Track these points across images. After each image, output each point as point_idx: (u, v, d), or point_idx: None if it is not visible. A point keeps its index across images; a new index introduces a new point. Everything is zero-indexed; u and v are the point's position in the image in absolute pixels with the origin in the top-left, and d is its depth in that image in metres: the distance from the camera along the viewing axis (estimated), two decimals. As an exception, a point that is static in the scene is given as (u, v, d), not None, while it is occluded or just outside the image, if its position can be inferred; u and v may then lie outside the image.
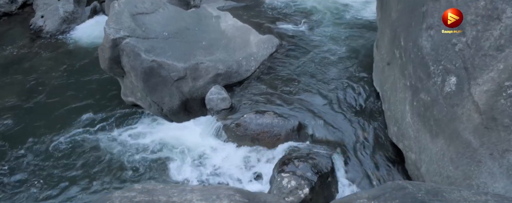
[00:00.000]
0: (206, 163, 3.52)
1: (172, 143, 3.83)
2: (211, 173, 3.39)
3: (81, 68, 5.43)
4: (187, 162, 3.55)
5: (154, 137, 3.97)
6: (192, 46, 4.74)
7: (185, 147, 3.74)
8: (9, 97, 4.88)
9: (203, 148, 3.68)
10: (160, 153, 3.75)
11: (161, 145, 3.84)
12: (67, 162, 3.81)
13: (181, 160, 3.58)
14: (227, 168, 3.43)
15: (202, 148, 3.69)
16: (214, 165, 3.48)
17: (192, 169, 3.47)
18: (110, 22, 4.70)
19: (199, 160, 3.57)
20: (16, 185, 3.59)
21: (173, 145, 3.81)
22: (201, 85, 4.32)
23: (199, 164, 3.52)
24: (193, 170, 3.45)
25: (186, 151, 3.70)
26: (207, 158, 3.58)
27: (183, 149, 3.72)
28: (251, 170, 3.41)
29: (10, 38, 6.22)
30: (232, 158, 3.53)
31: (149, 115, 4.43)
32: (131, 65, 4.40)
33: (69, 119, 4.44)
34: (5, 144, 4.15)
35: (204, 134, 3.87)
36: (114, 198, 1.77)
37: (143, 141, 4.01)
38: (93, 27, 6.49)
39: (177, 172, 3.47)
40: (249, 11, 5.75)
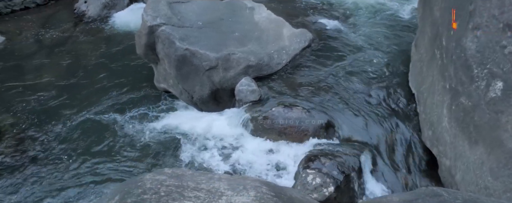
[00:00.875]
0: (231, 153, 3.57)
1: (200, 131, 3.92)
2: (236, 163, 3.44)
3: (117, 52, 5.66)
4: (213, 150, 3.62)
5: (183, 124, 4.07)
6: (225, 36, 4.78)
7: (212, 136, 3.81)
8: (52, 76, 5.21)
9: (230, 138, 3.74)
10: (187, 140, 3.85)
11: (189, 132, 3.93)
12: (97, 141, 4.01)
13: (207, 148, 3.66)
14: (252, 160, 3.46)
15: (229, 138, 3.74)
16: (239, 155, 3.52)
17: (218, 158, 3.54)
18: (148, 9, 4.84)
19: (225, 149, 3.63)
20: (48, 159, 3.84)
21: (201, 133, 3.89)
22: (231, 76, 4.35)
23: (224, 154, 3.58)
24: (219, 159, 3.51)
25: (213, 140, 3.77)
26: (233, 148, 3.63)
27: (210, 137, 3.80)
28: (276, 164, 3.42)
29: (56, 21, 6.58)
30: (258, 150, 3.55)
31: (179, 102, 4.55)
32: (165, 52, 4.52)
33: (103, 101, 4.66)
34: (44, 117, 4.44)
35: (232, 124, 3.92)
36: (146, 180, 1.85)
37: (171, 127, 4.13)
38: (131, 14, 6.72)
39: (203, 160, 3.55)
40: (284, 3, 5.68)
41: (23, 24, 6.52)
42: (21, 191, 3.53)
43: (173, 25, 4.71)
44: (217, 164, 3.46)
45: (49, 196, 3.38)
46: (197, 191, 1.78)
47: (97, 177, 3.55)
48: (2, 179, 3.67)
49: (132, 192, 1.75)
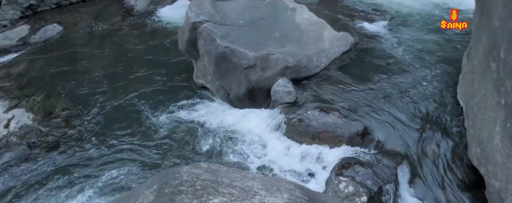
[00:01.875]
0: (263, 152, 3.58)
1: (234, 128, 3.96)
2: (267, 163, 3.43)
3: (160, 46, 5.89)
4: (244, 148, 3.65)
5: (218, 120, 4.15)
6: (264, 36, 4.79)
7: (246, 134, 3.84)
8: (100, 65, 5.55)
9: (263, 138, 3.74)
10: (221, 136, 3.91)
11: (223, 129, 4.00)
12: (134, 128, 4.20)
13: (240, 146, 3.69)
14: (283, 161, 3.44)
15: (262, 138, 3.75)
16: (270, 156, 3.52)
17: (249, 156, 3.56)
18: (192, 6, 4.98)
19: (256, 148, 3.64)
20: (88, 140, 4.09)
21: (234, 131, 3.94)
22: (268, 75, 4.36)
23: (255, 152, 3.60)
24: (250, 157, 3.53)
25: (245, 138, 3.80)
26: (265, 148, 3.63)
27: (243, 135, 3.83)
28: (307, 167, 3.37)
29: (106, 14, 7.00)
30: (290, 152, 3.52)
31: (215, 98, 4.64)
32: (206, 49, 4.63)
33: (144, 91, 4.87)
34: (89, 102, 4.73)
35: (265, 124, 3.92)
36: (183, 172, 1.90)
37: (206, 122, 4.22)
38: (175, 9, 6.96)
39: (234, 157, 3.59)
40: (327, 5, 5.57)
41: (79, 15, 7.01)
42: (60, 165, 3.80)
43: (215, 22, 4.81)
44: (248, 162, 3.48)
45: (83, 174, 3.60)
46: (231, 188, 1.81)
47: (129, 161, 3.71)
48: (49, 152, 3.98)
49: (169, 183, 1.81)
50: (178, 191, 1.72)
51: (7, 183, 3.67)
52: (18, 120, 4.47)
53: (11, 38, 6.42)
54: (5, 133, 4.27)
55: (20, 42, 6.36)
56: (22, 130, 4.30)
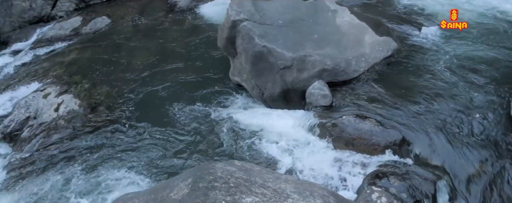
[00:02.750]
0: (295, 155, 3.55)
1: (266, 128, 3.97)
2: (298, 166, 3.40)
3: (199, 42, 6.04)
4: (275, 148, 3.64)
5: (250, 118, 4.17)
6: (303, 37, 4.74)
7: (278, 134, 3.83)
8: (142, 58, 5.80)
9: (294, 139, 3.71)
10: (253, 135, 3.94)
11: (255, 127, 4.02)
12: (168, 121, 4.32)
13: (272, 146, 3.69)
14: (314, 165, 3.39)
15: (293, 139, 3.72)
16: (301, 158, 3.48)
17: (280, 157, 3.55)
18: (233, 4, 5.05)
19: (287, 150, 3.62)
20: (128, 129, 4.29)
21: (267, 130, 3.95)
22: (305, 77, 4.31)
23: (286, 154, 3.58)
24: (280, 158, 3.52)
25: (276, 138, 3.79)
26: (296, 150, 3.60)
27: (275, 136, 3.83)
28: (339, 174, 3.30)
29: (151, 9, 7.31)
30: (322, 157, 3.47)
31: (249, 97, 4.68)
32: (243, 47, 4.68)
33: (181, 86, 5.02)
34: (131, 93, 4.95)
35: (298, 126, 3.89)
36: (217, 168, 1.94)
37: (239, 119, 4.26)
38: (215, 7, 7.09)
39: (265, 156, 3.60)
40: (371, 8, 5.39)
41: (126, 9, 7.38)
42: (99, 149, 4.03)
43: (254, 21, 4.83)
44: (278, 163, 3.48)
45: (122, 162, 3.79)
46: (264, 188, 1.82)
47: (163, 151, 3.85)
48: (90, 137, 4.25)
49: (204, 177, 1.86)
50: (212, 187, 1.76)
51: (53, 160, 3.97)
52: (66, 105, 4.81)
53: (66, 28, 6.91)
54: (55, 116, 4.62)
55: (73, 32, 6.83)
56: (70, 115, 4.62)
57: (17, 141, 4.39)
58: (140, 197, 2.05)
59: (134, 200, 2.05)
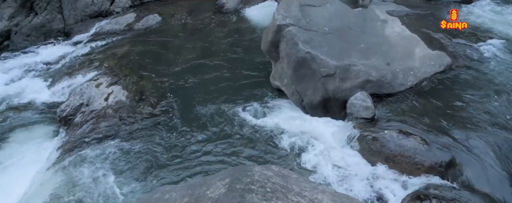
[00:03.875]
0: (330, 166, 3.47)
1: (303, 135, 3.93)
2: (334, 177, 3.32)
3: (243, 44, 6.14)
4: (312, 157, 3.59)
5: (288, 124, 4.15)
6: (349, 46, 4.63)
7: (315, 143, 3.78)
8: (187, 55, 6.03)
9: (331, 150, 3.63)
10: (289, 140, 3.91)
11: (292, 133, 3.99)
12: (207, 119, 4.42)
13: (307, 154, 3.65)
14: (350, 178, 3.29)
15: (330, 149, 3.64)
16: (338, 170, 3.39)
17: (315, 166, 3.49)
18: (280, 9, 5.07)
19: (324, 160, 3.55)
20: (170, 122, 4.44)
21: (303, 138, 3.90)
22: (347, 87, 4.21)
23: (322, 164, 3.51)
24: (316, 167, 3.46)
25: (314, 147, 3.73)
26: (332, 161, 3.51)
27: (312, 144, 3.77)
28: (376, 190, 3.17)
29: (200, 9, 7.58)
30: (359, 171, 3.35)
31: (288, 102, 4.66)
32: (286, 52, 4.67)
33: (221, 85, 5.13)
34: (174, 89, 5.13)
35: (336, 136, 3.80)
36: (255, 171, 1.95)
37: (276, 124, 4.25)
38: (262, 10, 7.18)
39: (300, 164, 3.56)
40: (424, 20, 5.13)
41: (176, 8, 7.73)
42: (140, 140, 4.22)
43: (300, 27, 4.81)
44: (313, 171, 3.42)
45: (160, 155, 3.95)
46: (300, 197, 1.80)
47: (200, 149, 3.95)
48: (134, 127, 4.48)
49: (241, 179, 1.88)
50: (249, 189, 1.78)
51: (99, 146, 4.25)
52: (115, 95, 5.12)
53: (121, 23, 7.39)
54: (104, 105, 4.95)
55: (127, 27, 7.28)
56: (117, 105, 4.92)
57: (71, 125, 4.76)
58: (177, 191, 2.12)
59: (172, 193, 2.13)
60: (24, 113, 5.29)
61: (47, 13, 7.23)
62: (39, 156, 4.36)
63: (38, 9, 7.28)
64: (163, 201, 2.06)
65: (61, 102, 5.23)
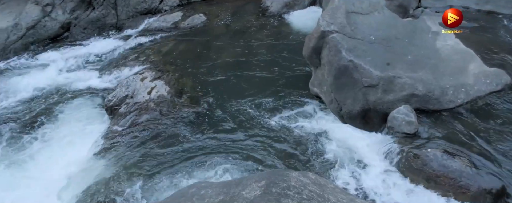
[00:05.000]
0: (365, 179, 3.35)
1: (340, 145, 3.83)
2: (369, 191, 3.20)
3: (284, 48, 6.14)
4: (347, 168, 3.49)
5: (324, 132, 4.08)
6: (395, 57, 4.46)
7: (351, 154, 3.67)
8: (228, 56, 6.15)
9: (369, 163, 3.51)
10: (325, 150, 3.84)
11: (328, 142, 3.91)
12: (242, 123, 4.46)
13: (343, 164, 3.55)
14: (386, 194, 3.16)
15: (368, 163, 3.51)
16: (374, 184, 3.27)
17: (350, 177, 3.38)
18: (325, 15, 5.00)
19: (360, 172, 3.44)
20: (208, 120, 4.54)
21: (340, 147, 3.81)
22: (390, 99, 4.04)
23: (359, 177, 3.40)
24: (351, 179, 3.36)
25: (350, 158, 3.63)
26: (368, 175, 3.39)
27: (348, 155, 3.67)
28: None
29: (243, 11, 7.71)
30: (396, 187, 3.20)
31: (326, 110, 4.57)
32: (328, 59, 4.60)
33: (259, 87, 5.16)
34: (213, 87, 5.25)
35: (374, 149, 3.66)
36: (291, 177, 1.95)
37: (312, 131, 4.19)
38: (306, 15, 7.13)
39: (335, 174, 3.48)
40: (482, 34, 4.79)
41: (221, 9, 7.93)
42: (177, 135, 4.36)
43: (344, 34, 4.72)
44: (347, 183, 3.32)
45: (196, 151, 4.05)
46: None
47: (235, 149, 3.99)
48: (173, 122, 4.63)
49: (277, 183, 1.88)
50: (285, 194, 1.77)
51: (140, 137, 4.46)
52: (158, 90, 5.36)
53: (168, 21, 7.73)
54: (147, 98, 5.19)
55: (173, 25, 7.60)
56: (159, 99, 5.14)
57: (116, 114, 5.05)
58: (213, 188, 2.17)
59: (208, 189, 2.18)
60: (75, 99, 5.70)
61: (103, 8, 7.77)
62: (85, 142, 4.67)
63: (96, 4, 7.85)
64: (198, 196, 2.11)
65: (109, 92, 5.57)
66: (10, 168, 4.36)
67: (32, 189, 3.95)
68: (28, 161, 4.48)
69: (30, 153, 4.61)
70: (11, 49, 6.75)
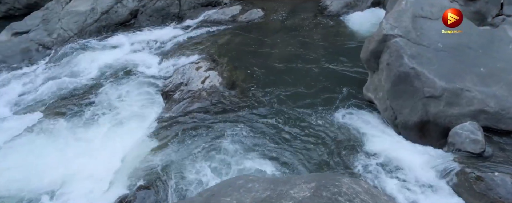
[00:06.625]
0: (417, 196, 3.13)
1: (392, 156, 3.63)
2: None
3: (341, 49, 5.96)
4: (400, 183, 3.29)
5: (376, 141, 3.90)
6: (465, 68, 4.09)
7: (404, 167, 3.45)
8: (282, 52, 6.14)
9: (424, 180, 3.27)
10: (375, 159, 3.66)
11: (379, 152, 3.73)
12: (291, 121, 4.42)
13: (395, 178, 3.36)
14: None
15: (423, 180, 3.28)
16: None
17: (402, 193, 3.18)
18: (389, 18, 4.73)
19: (411, 188, 3.23)
20: (257, 114, 4.59)
21: (391, 159, 3.61)
22: (454, 113, 3.73)
23: (409, 193, 3.19)
24: (401, 195, 3.16)
25: (403, 171, 3.42)
26: (421, 192, 3.17)
27: (401, 168, 3.46)
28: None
29: (302, 9, 7.61)
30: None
31: (379, 117, 4.36)
32: (388, 64, 4.36)
33: (311, 87, 5.08)
34: (264, 81, 5.28)
35: (429, 166, 3.41)
36: (343, 183, 1.89)
37: (363, 138, 4.03)
38: (367, 16, 6.83)
39: (386, 187, 3.29)
40: None
41: (279, 5, 7.91)
42: (225, 125, 4.46)
43: (408, 39, 4.43)
44: (396, 198, 3.14)
45: (243, 144, 4.10)
46: (390, 223, 1.67)
47: (281, 148, 3.98)
48: (222, 113, 4.75)
49: (328, 187, 1.84)
50: (336, 200, 1.73)
51: (191, 123, 4.65)
52: (211, 80, 5.53)
53: (226, 14, 7.92)
54: (200, 87, 5.39)
55: (231, 18, 7.76)
56: (211, 89, 5.31)
57: (170, 100, 5.33)
58: (260, 183, 2.19)
59: (255, 183, 2.20)
60: (135, 81, 6.11)
61: (168, -2, 8.19)
62: (140, 124, 4.98)
63: (162, -6, 8.29)
64: (245, 189, 2.15)
65: (166, 78, 5.88)
66: (70, 142, 4.71)
67: (88, 165, 4.24)
68: (87, 138, 4.81)
69: (89, 129, 4.98)
70: (87, 31, 7.44)
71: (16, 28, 7.44)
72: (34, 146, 4.55)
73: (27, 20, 7.67)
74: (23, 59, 6.79)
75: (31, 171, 4.07)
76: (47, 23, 7.54)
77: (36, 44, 7.08)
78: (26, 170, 4.09)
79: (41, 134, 4.78)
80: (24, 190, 3.82)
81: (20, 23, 7.58)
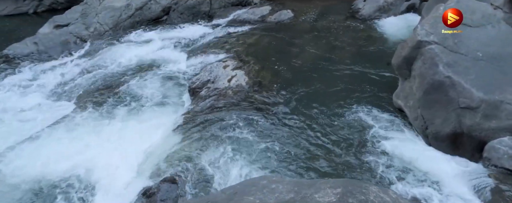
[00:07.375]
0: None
1: (420, 167, 3.49)
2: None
3: (371, 54, 5.81)
4: (426, 195, 3.15)
5: (405, 151, 3.74)
6: (506, 78, 3.87)
7: (433, 180, 3.31)
8: (311, 53, 6.11)
9: (453, 194, 3.11)
10: (403, 170, 3.53)
11: (408, 162, 3.58)
12: (316, 124, 4.36)
13: (423, 191, 3.22)
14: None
15: (451, 193, 3.12)
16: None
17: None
18: (425, 24, 4.56)
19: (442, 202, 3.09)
20: (283, 114, 4.56)
21: (421, 170, 3.46)
22: (491, 127, 3.53)
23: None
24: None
25: (432, 185, 3.26)
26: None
27: (429, 180, 3.32)
28: None
29: (332, 11, 7.51)
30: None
31: (408, 126, 4.21)
32: (421, 72, 4.20)
33: (339, 92, 4.99)
34: (292, 82, 5.24)
35: (462, 180, 3.24)
36: (371, 191, 1.84)
37: (391, 147, 3.89)
38: (399, 21, 6.63)
39: (413, 199, 3.17)
40: None
41: (309, 7, 7.85)
42: (250, 125, 4.45)
43: (445, 47, 4.26)
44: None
45: (267, 144, 4.08)
46: (419, 236, 1.61)
47: (305, 152, 3.93)
48: (247, 113, 4.78)
49: (355, 194, 1.79)
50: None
51: (216, 121, 4.71)
52: (237, 79, 5.57)
53: (256, 14, 7.96)
54: (226, 85, 5.44)
55: (260, 19, 7.79)
56: (237, 88, 5.35)
57: (196, 96, 5.42)
58: (284, 184, 2.17)
59: (278, 184, 2.19)
60: (164, 76, 6.27)
61: (200, -3, 8.35)
62: (167, 118, 5.10)
63: (194, -7, 8.47)
64: (269, 189, 2.14)
65: (193, 75, 5.99)
66: (98, 132, 4.89)
67: (114, 155, 4.35)
68: (114, 129, 4.96)
69: (117, 121, 5.13)
70: (121, 26, 7.75)
71: (57, 21, 7.88)
72: (65, 135, 4.77)
73: (68, 14, 8.10)
74: (62, 50, 7.18)
75: (59, 158, 4.27)
76: (85, 17, 7.93)
77: (74, 37, 7.46)
78: (56, 157, 4.29)
79: (71, 123, 5.02)
80: (53, 175, 4.02)
81: (61, 17, 8.02)
